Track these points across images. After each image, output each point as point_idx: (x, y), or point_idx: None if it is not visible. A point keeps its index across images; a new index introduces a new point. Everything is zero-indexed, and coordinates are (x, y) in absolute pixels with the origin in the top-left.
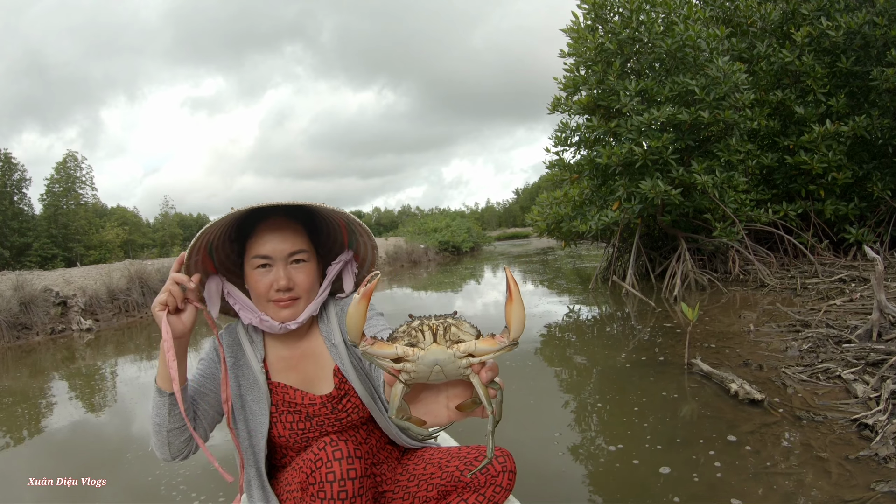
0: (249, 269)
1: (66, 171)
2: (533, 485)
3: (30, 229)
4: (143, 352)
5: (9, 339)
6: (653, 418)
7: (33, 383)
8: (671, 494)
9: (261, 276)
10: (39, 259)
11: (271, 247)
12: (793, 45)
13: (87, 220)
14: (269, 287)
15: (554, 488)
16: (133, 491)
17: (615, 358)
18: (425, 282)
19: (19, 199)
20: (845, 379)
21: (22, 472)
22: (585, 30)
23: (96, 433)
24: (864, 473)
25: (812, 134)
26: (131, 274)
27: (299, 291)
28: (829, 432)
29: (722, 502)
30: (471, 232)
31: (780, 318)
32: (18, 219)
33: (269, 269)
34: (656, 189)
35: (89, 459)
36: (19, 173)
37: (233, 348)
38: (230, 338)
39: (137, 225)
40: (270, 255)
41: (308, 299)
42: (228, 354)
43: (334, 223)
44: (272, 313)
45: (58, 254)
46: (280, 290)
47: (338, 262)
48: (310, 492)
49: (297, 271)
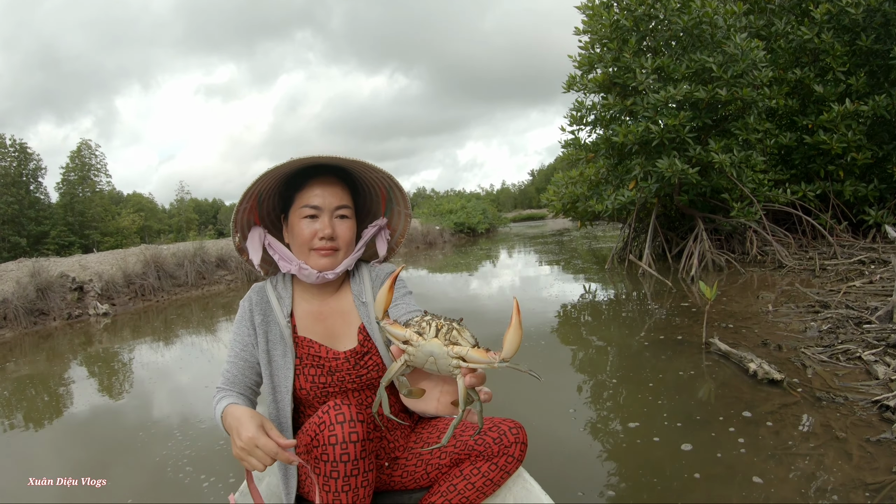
0: (296, 219)
1: (81, 160)
2: (547, 461)
3: (47, 217)
4: (159, 335)
5: (26, 325)
6: (670, 396)
7: (50, 368)
8: (694, 472)
9: (307, 224)
10: (57, 247)
11: (321, 199)
12: (812, 22)
13: (102, 208)
14: (314, 235)
15: (571, 464)
16: (141, 471)
17: (631, 337)
18: (441, 263)
19: (35, 188)
20: (866, 360)
21: (23, 470)
22: (600, 6)
23: (113, 414)
24: (885, 456)
25: (831, 113)
26: (147, 258)
27: (340, 243)
28: (849, 413)
29: (744, 480)
30: (486, 213)
31: (799, 298)
32: (35, 207)
33: (316, 219)
34: (673, 168)
35: (104, 439)
36: (35, 163)
37: (261, 306)
38: (258, 297)
39: (153, 211)
40: (319, 206)
41: (346, 252)
42: (257, 312)
43: (374, 190)
44: (312, 262)
45: (75, 241)
46: (324, 238)
47: (374, 226)
48: (314, 454)
49: (340, 224)
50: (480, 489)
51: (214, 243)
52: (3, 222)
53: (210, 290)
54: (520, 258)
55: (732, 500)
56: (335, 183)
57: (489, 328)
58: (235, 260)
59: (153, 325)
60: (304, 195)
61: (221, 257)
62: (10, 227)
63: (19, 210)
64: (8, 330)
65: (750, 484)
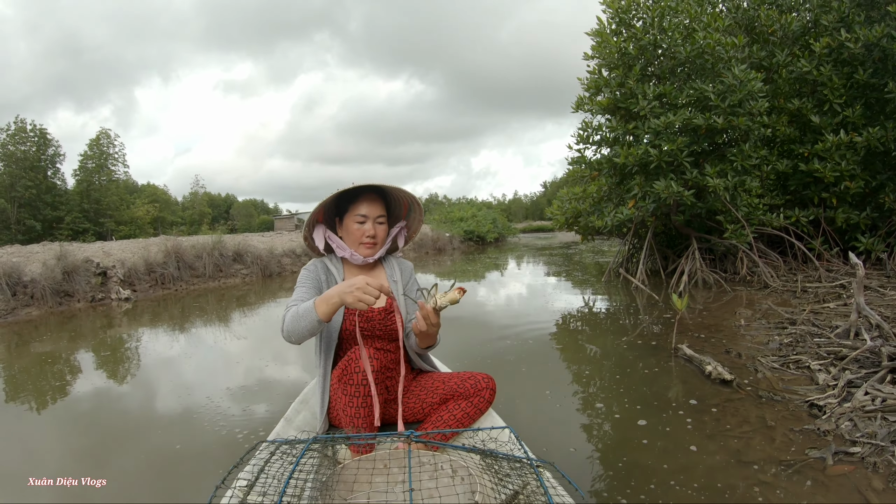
0: (351, 222)
1: (100, 148)
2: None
3: (62, 203)
4: (175, 321)
5: (52, 305)
6: (634, 388)
7: (74, 346)
8: (643, 439)
9: (358, 227)
10: (71, 232)
11: (367, 210)
12: (811, 55)
13: (118, 197)
14: (363, 234)
15: (546, 427)
16: (179, 424)
17: (612, 341)
18: (448, 269)
19: (53, 173)
20: (812, 369)
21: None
22: (609, 34)
23: (143, 384)
24: (804, 443)
25: (826, 143)
26: (168, 249)
27: (378, 240)
28: (783, 409)
29: (683, 448)
30: (496, 223)
31: (773, 316)
32: (52, 193)
33: (364, 224)
34: (669, 190)
35: (133, 404)
36: (54, 149)
37: (323, 271)
38: (321, 265)
39: (167, 203)
40: (366, 215)
41: (381, 245)
42: (322, 271)
43: (400, 203)
44: (360, 251)
45: (89, 228)
46: (369, 237)
47: (398, 226)
48: (343, 381)
49: (379, 227)
50: (460, 420)
51: (232, 238)
52: (20, 206)
53: (226, 283)
54: (524, 268)
55: (670, 460)
56: (377, 199)
57: (492, 333)
58: (251, 255)
59: (171, 312)
60: (357, 206)
61: (238, 252)
62: (26, 211)
63: (36, 195)
64: (35, 308)
65: (687, 451)
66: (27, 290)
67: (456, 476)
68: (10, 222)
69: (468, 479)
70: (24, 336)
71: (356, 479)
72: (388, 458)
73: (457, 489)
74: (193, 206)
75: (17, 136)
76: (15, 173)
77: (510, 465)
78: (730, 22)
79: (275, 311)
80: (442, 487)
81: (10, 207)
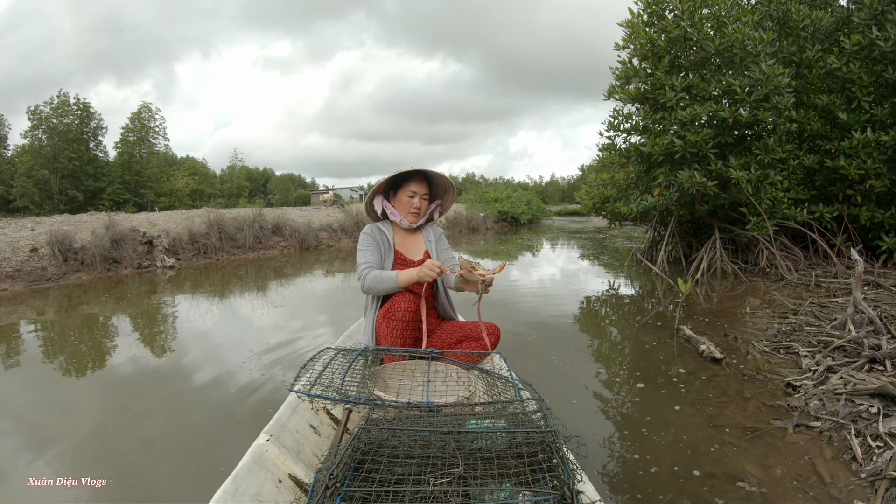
0: (403, 196)
1: (141, 122)
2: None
3: (104, 175)
4: (216, 288)
5: (101, 271)
6: (634, 360)
7: (121, 309)
8: (636, 397)
9: (408, 200)
10: (112, 203)
11: (417, 188)
12: (842, 52)
13: (158, 169)
14: (411, 205)
15: (552, 381)
16: (221, 378)
17: (623, 321)
18: (481, 248)
19: (95, 145)
20: (800, 355)
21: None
22: (640, 24)
23: (183, 345)
24: (772, 415)
25: (852, 140)
26: (210, 220)
27: (422, 211)
28: (761, 387)
29: (668, 407)
30: (530, 205)
31: (780, 306)
32: (94, 164)
33: (413, 198)
34: (692, 180)
35: (173, 363)
36: (96, 122)
37: (378, 232)
38: (376, 228)
39: (206, 175)
40: (415, 191)
41: (423, 216)
42: (377, 233)
43: (439, 185)
44: (408, 218)
45: (129, 199)
46: (416, 208)
47: (435, 203)
48: (387, 316)
49: (423, 202)
50: (470, 357)
51: (272, 211)
52: (63, 177)
53: (265, 254)
54: (555, 250)
55: (653, 414)
56: (423, 181)
57: (522, 315)
58: (290, 228)
59: (211, 280)
60: (408, 185)
61: (277, 224)
62: (68, 182)
63: (79, 166)
64: (85, 273)
65: (671, 410)
66: (77, 256)
67: (460, 381)
68: (53, 192)
69: (467, 383)
70: (73, 299)
71: (391, 376)
72: (415, 366)
73: (458, 387)
74: (232, 179)
75: (60, 110)
76: (58, 145)
77: (500, 381)
78: (760, 16)
79: (310, 282)
80: (448, 385)
81: (54, 178)
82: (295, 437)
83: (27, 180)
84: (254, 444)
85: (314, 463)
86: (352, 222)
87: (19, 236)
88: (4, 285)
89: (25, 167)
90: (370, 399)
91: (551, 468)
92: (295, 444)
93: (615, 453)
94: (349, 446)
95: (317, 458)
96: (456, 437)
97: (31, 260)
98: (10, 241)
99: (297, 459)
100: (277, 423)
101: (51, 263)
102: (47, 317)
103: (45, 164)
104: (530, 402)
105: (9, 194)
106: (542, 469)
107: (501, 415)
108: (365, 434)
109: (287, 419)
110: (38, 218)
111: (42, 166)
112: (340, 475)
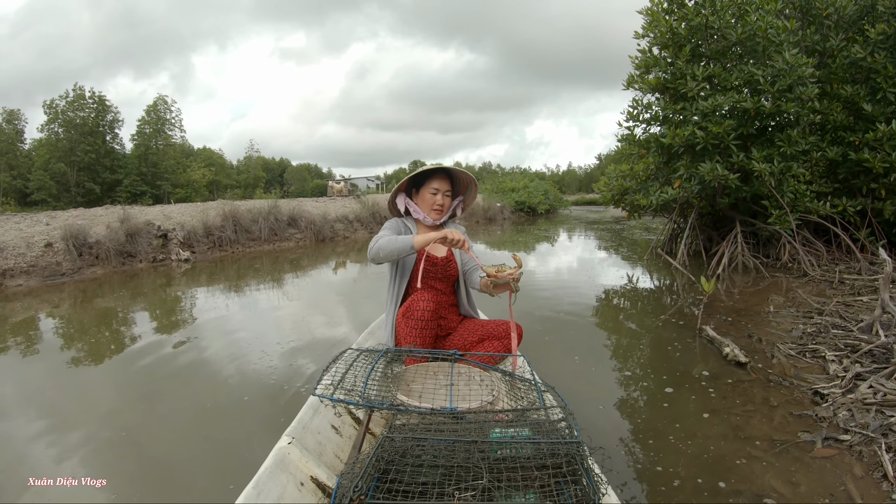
0: (426, 193)
1: (157, 114)
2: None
3: (121, 167)
4: (232, 281)
5: (115, 265)
6: (657, 362)
7: (134, 303)
8: (667, 404)
9: (431, 197)
10: (129, 195)
11: (439, 185)
12: (867, 41)
13: (175, 160)
14: (434, 202)
15: (575, 384)
16: (241, 373)
17: (644, 318)
18: (497, 239)
19: (112, 138)
20: (827, 359)
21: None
22: (660, 13)
23: (200, 339)
24: (799, 426)
25: (877, 132)
26: (225, 213)
27: (445, 208)
28: (788, 394)
29: (697, 415)
30: (547, 195)
31: (803, 305)
32: (110, 157)
33: (435, 195)
34: (714, 173)
35: (190, 357)
36: (112, 115)
37: (403, 227)
38: (401, 222)
39: (223, 166)
40: (438, 188)
41: (446, 213)
42: (402, 226)
43: (461, 182)
44: (431, 215)
45: (146, 191)
46: (438, 205)
47: (458, 199)
48: (406, 315)
49: (446, 199)
50: (493, 357)
51: (287, 203)
52: (80, 169)
53: (280, 246)
54: (572, 242)
55: (684, 422)
56: (445, 178)
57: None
58: (305, 220)
59: (227, 273)
60: (431, 182)
61: (293, 216)
62: (85, 174)
63: (95, 159)
64: (100, 268)
65: (700, 418)
66: (92, 250)
67: (483, 384)
68: (70, 185)
69: (490, 386)
70: (88, 293)
71: (414, 379)
72: (437, 368)
73: (481, 390)
74: (248, 169)
75: (76, 103)
76: (74, 139)
77: (523, 384)
78: (783, 4)
79: (326, 274)
80: (472, 388)
81: (70, 171)
82: (317, 439)
83: (44, 174)
84: (276, 447)
85: (336, 465)
86: (367, 213)
87: (34, 231)
88: (19, 281)
89: (42, 160)
90: (393, 404)
91: (576, 480)
92: (317, 445)
93: (639, 464)
94: (373, 455)
95: (339, 459)
96: (480, 447)
97: (45, 255)
98: (24, 236)
99: (319, 462)
100: (299, 425)
101: (65, 258)
102: (62, 310)
103: (62, 157)
104: (555, 410)
105: (26, 188)
106: (567, 481)
107: (526, 423)
108: (389, 443)
109: (309, 420)
110: (53, 212)
111: (59, 159)
112: (364, 487)
